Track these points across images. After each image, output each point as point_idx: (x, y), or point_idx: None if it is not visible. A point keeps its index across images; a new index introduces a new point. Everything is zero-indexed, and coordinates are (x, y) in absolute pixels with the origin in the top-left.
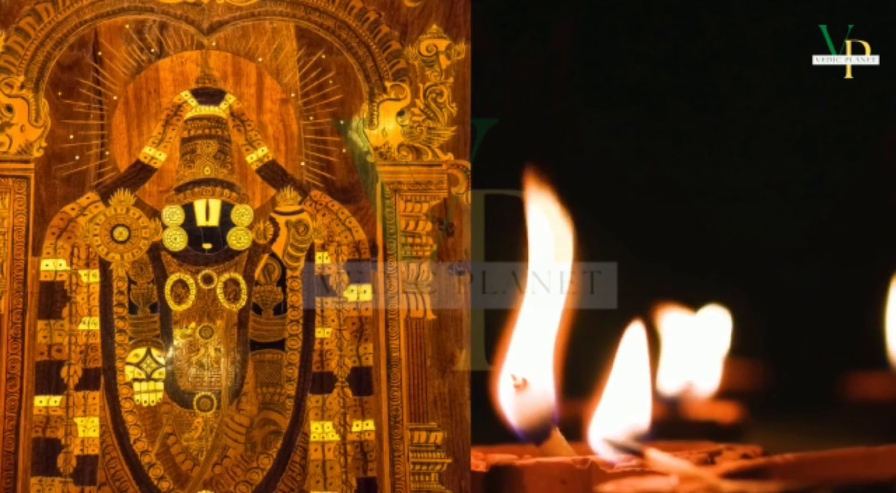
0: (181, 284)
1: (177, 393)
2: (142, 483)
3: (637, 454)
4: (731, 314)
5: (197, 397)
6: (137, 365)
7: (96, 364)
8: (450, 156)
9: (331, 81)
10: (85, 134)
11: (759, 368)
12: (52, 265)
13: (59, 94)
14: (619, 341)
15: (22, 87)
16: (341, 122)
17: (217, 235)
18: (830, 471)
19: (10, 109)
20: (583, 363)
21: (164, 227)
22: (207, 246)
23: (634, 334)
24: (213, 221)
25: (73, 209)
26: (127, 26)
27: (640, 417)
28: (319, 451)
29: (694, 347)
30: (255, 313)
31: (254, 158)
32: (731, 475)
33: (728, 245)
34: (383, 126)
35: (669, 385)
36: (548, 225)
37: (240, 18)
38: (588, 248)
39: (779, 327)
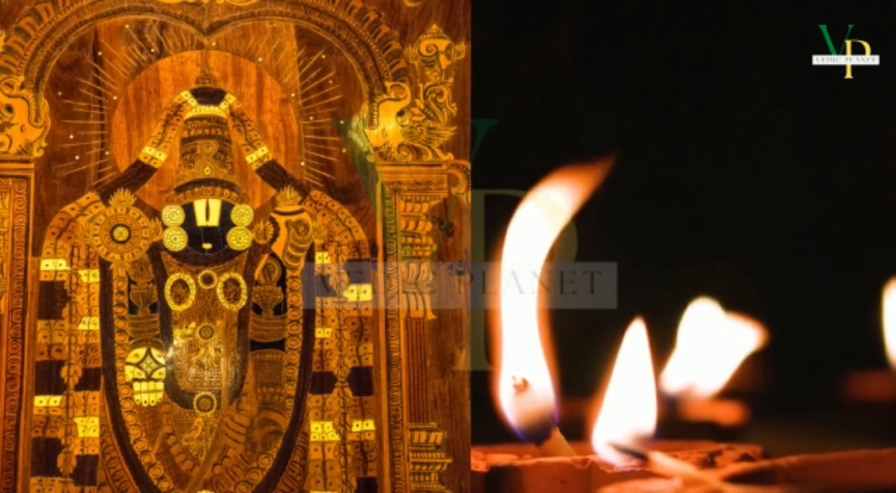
0: (181, 284)
1: (177, 393)
2: (142, 483)
3: (641, 457)
4: (730, 314)
5: (197, 397)
6: (137, 365)
7: (96, 364)
8: (450, 156)
9: (331, 81)
10: (85, 134)
11: (760, 368)
12: (52, 265)
13: (59, 94)
14: (620, 342)
15: (22, 87)
16: (341, 122)
17: (217, 235)
18: (834, 474)
19: (10, 109)
20: (583, 363)
21: (164, 227)
22: (207, 246)
23: (636, 333)
24: (213, 221)
25: (73, 209)
26: (127, 26)
27: (645, 419)
28: (319, 451)
29: (715, 345)
30: (255, 313)
31: (254, 158)
32: (734, 479)
33: (728, 245)
34: (383, 126)
35: (675, 383)
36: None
37: (240, 18)
38: (588, 248)
39: (779, 327)
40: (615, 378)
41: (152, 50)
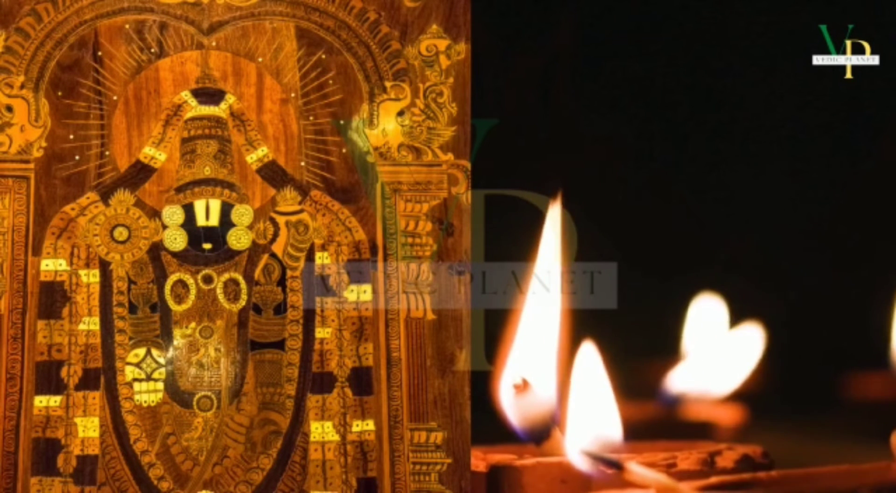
0: (181, 284)
1: (177, 393)
2: (142, 483)
3: (616, 465)
4: (730, 314)
5: (197, 397)
6: (137, 365)
7: (96, 364)
8: (450, 156)
9: (331, 81)
10: (85, 134)
11: (760, 368)
12: (52, 265)
13: (59, 94)
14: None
15: (22, 87)
16: (341, 122)
17: (217, 235)
18: (815, 488)
19: (10, 109)
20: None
21: (164, 227)
22: (207, 246)
23: (586, 353)
24: (213, 221)
25: (73, 209)
26: (127, 26)
27: (611, 429)
28: (319, 451)
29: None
30: (255, 313)
31: (254, 158)
32: (710, 489)
33: (728, 245)
34: (383, 126)
35: (679, 385)
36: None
37: (240, 18)
38: (588, 248)
39: (779, 327)
40: (572, 397)
41: (152, 50)
